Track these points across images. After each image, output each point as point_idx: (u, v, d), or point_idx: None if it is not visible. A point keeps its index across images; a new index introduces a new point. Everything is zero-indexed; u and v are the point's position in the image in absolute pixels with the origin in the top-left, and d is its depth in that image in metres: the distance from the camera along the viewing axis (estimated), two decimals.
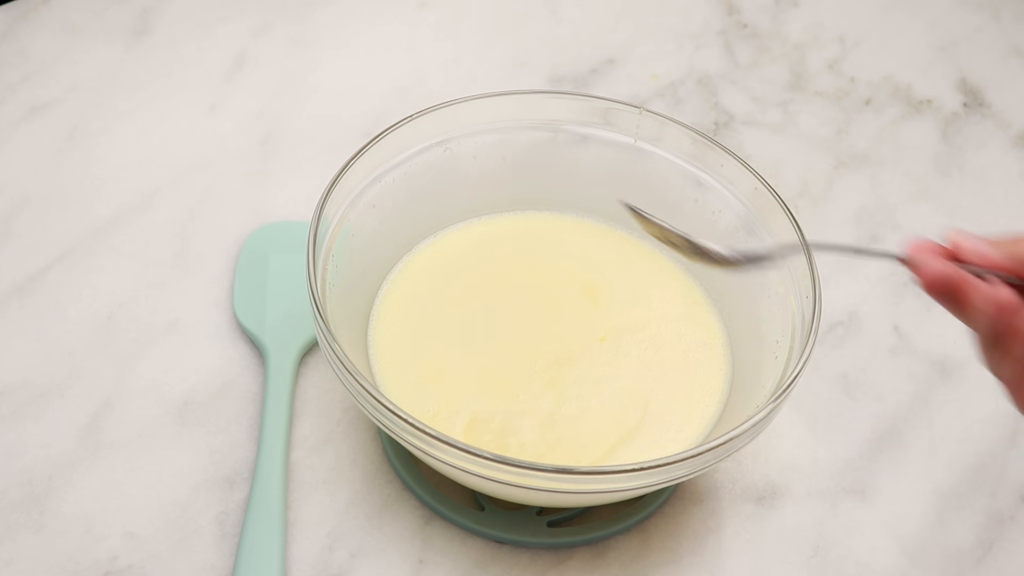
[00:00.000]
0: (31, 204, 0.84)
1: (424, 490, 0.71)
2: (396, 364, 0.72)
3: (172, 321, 0.79)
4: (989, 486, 0.75)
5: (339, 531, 0.70)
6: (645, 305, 0.76)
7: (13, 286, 0.79)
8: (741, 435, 0.64)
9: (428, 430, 0.62)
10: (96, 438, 0.73)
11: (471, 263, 0.77)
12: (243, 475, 0.72)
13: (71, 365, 0.76)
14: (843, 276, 0.84)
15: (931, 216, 0.88)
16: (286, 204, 0.85)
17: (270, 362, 0.75)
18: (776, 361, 0.70)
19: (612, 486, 0.64)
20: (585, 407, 0.71)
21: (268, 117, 0.91)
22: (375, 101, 0.92)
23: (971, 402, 0.78)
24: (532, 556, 0.70)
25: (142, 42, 0.94)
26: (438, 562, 0.70)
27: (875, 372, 0.79)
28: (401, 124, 0.74)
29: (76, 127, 0.89)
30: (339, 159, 0.72)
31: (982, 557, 0.72)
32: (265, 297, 0.79)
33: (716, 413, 0.72)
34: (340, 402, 0.75)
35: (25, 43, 0.93)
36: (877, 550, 0.72)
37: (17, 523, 0.70)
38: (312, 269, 0.67)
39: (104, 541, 0.69)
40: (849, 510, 0.73)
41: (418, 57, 0.96)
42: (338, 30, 0.97)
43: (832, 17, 1.02)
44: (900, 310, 0.83)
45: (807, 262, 0.70)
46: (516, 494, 0.66)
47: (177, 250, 0.82)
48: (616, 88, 0.95)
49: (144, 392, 0.75)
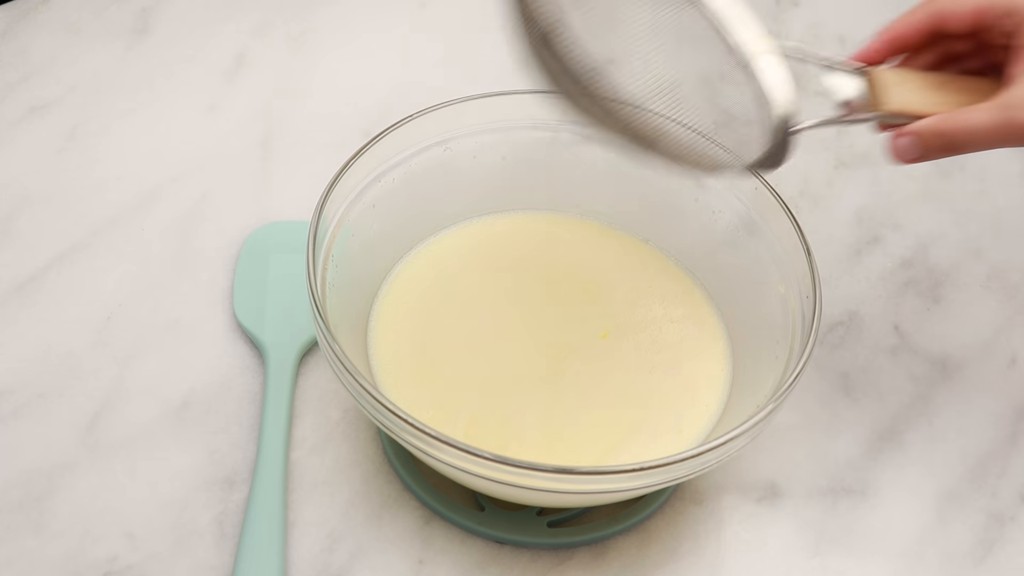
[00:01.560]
0: (31, 204, 0.84)
1: (424, 490, 0.71)
2: (396, 364, 0.72)
3: (172, 321, 0.79)
4: (989, 486, 0.75)
5: (339, 531, 0.70)
6: (646, 306, 0.76)
7: (13, 286, 0.79)
8: (741, 435, 0.64)
9: (428, 430, 0.62)
10: (96, 438, 0.73)
11: (471, 263, 0.77)
12: (243, 475, 0.72)
13: (71, 365, 0.76)
14: (843, 276, 0.84)
15: (931, 216, 0.88)
16: (286, 204, 0.85)
17: (270, 362, 0.75)
18: (776, 361, 0.70)
19: (612, 486, 0.64)
20: (585, 407, 0.71)
21: (268, 117, 0.91)
22: (375, 101, 0.92)
23: (971, 402, 0.78)
24: (532, 556, 0.70)
25: (142, 42, 0.94)
26: (438, 562, 0.69)
27: (875, 372, 0.79)
28: (401, 124, 0.74)
29: (76, 127, 0.88)
30: (339, 159, 0.72)
31: (982, 557, 0.72)
32: (265, 297, 0.79)
33: (716, 413, 0.72)
34: (340, 402, 0.75)
35: (25, 43, 0.93)
36: (877, 550, 0.72)
37: (17, 523, 0.70)
38: (312, 269, 0.67)
39: (104, 541, 0.69)
40: (849, 510, 0.73)
41: (418, 57, 0.96)
42: (338, 30, 0.97)
43: (832, 17, 1.02)
44: (900, 310, 0.83)
45: (807, 262, 0.70)
46: (516, 494, 0.66)
47: (177, 250, 0.82)
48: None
49: (144, 392, 0.75)
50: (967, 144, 0.64)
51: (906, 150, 0.65)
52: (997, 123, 0.62)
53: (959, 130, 0.63)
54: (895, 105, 0.66)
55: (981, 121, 0.63)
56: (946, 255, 0.86)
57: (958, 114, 0.64)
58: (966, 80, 0.67)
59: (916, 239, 0.87)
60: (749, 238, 0.74)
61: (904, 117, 0.66)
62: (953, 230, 0.88)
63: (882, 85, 0.66)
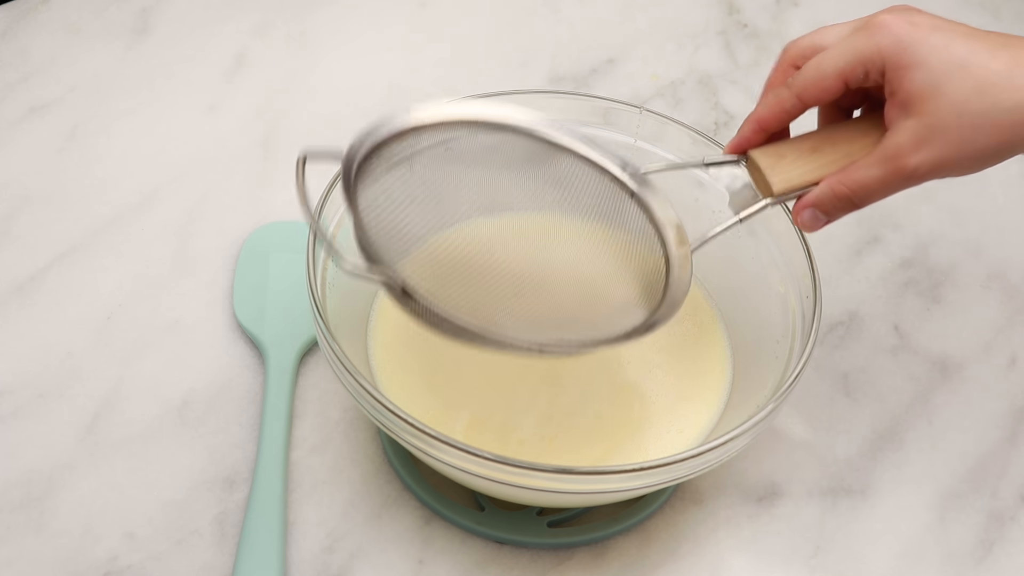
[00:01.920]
0: (31, 204, 0.84)
1: (424, 490, 0.71)
2: (396, 364, 0.72)
3: (172, 321, 0.79)
4: (989, 486, 0.75)
5: (339, 531, 0.70)
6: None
7: (13, 286, 0.79)
8: (741, 435, 0.64)
9: (428, 430, 0.62)
10: (96, 438, 0.73)
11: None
12: (243, 475, 0.72)
13: (71, 365, 0.76)
14: (843, 276, 0.84)
15: (931, 216, 0.88)
16: (286, 204, 0.85)
17: (270, 362, 0.75)
18: (776, 361, 0.70)
19: (612, 486, 0.64)
20: (585, 406, 0.71)
21: (268, 117, 0.91)
22: (375, 101, 0.92)
23: (971, 402, 0.78)
24: (532, 556, 0.70)
25: (142, 42, 0.94)
26: (438, 562, 0.69)
27: (875, 372, 0.79)
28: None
29: (76, 127, 0.88)
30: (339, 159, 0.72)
31: (982, 557, 0.72)
32: (265, 297, 0.79)
33: (716, 413, 0.72)
34: (340, 402, 0.75)
35: (25, 43, 0.93)
36: (877, 550, 0.72)
37: (17, 523, 0.70)
38: (312, 269, 0.67)
39: (104, 541, 0.69)
40: (849, 510, 0.73)
41: (418, 57, 0.96)
42: (338, 30, 0.97)
43: (832, 16, 1.02)
44: (900, 310, 0.83)
45: (807, 262, 0.70)
46: (516, 494, 0.66)
47: (177, 250, 0.82)
48: (616, 88, 0.95)
49: (144, 392, 0.75)
50: (867, 198, 0.63)
51: (812, 221, 0.65)
52: (886, 175, 0.62)
53: (854, 190, 0.63)
54: (781, 186, 0.65)
55: (872, 177, 0.62)
56: (946, 255, 0.86)
57: (848, 174, 0.63)
58: (841, 130, 0.66)
59: (916, 239, 0.87)
60: (749, 238, 0.74)
61: (796, 192, 0.65)
62: (953, 230, 0.88)
63: (762, 168, 0.65)
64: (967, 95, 0.60)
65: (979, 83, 0.60)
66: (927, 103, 0.60)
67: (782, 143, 0.66)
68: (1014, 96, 0.59)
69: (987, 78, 0.59)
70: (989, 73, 0.60)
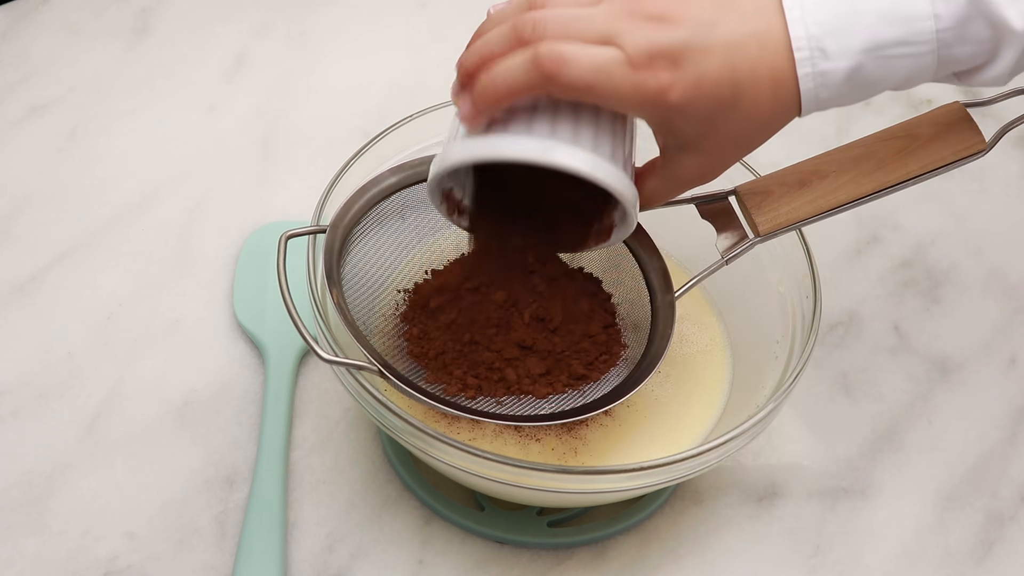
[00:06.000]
0: (31, 204, 0.84)
1: (424, 490, 0.71)
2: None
3: (172, 321, 0.79)
4: (989, 486, 0.75)
5: (339, 531, 0.70)
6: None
7: (13, 286, 0.79)
8: (741, 435, 0.64)
9: (428, 430, 0.62)
10: (96, 438, 0.73)
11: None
12: (243, 475, 0.72)
13: (71, 365, 0.76)
14: (843, 276, 0.84)
15: (931, 216, 0.88)
16: (286, 204, 0.85)
17: (270, 362, 0.75)
18: (776, 361, 0.70)
19: (612, 486, 0.64)
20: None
21: (268, 117, 0.91)
22: (375, 101, 0.92)
23: (971, 402, 0.78)
24: (532, 556, 0.70)
25: (142, 42, 0.94)
26: (438, 562, 0.70)
27: (875, 372, 0.79)
28: (401, 124, 0.74)
29: (76, 127, 0.89)
30: (339, 159, 0.72)
31: (982, 557, 0.72)
32: (265, 297, 0.79)
33: (716, 413, 0.72)
34: (340, 402, 0.75)
35: (25, 43, 0.93)
36: (877, 550, 0.72)
37: (17, 523, 0.70)
38: (312, 269, 0.67)
39: (104, 541, 0.69)
40: (849, 510, 0.73)
41: (418, 57, 0.96)
42: (338, 30, 0.97)
43: None
44: (900, 310, 0.83)
45: (807, 262, 0.70)
46: (516, 494, 0.66)
47: (177, 250, 0.82)
48: None
49: (144, 392, 0.75)
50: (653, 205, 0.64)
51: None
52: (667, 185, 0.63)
53: (646, 198, 0.63)
54: (766, 226, 0.67)
55: (658, 187, 0.63)
56: (946, 255, 0.86)
57: (646, 182, 0.63)
58: (830, 158, 0.67)
59: (916, 239, 0.87)
60: None
61: (781, 230, 0.67)
62: (953, 230, 0.88)
63: (748, 208, 0.67)
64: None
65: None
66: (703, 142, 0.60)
67: (770, 176, 0.68)
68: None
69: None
70: None
